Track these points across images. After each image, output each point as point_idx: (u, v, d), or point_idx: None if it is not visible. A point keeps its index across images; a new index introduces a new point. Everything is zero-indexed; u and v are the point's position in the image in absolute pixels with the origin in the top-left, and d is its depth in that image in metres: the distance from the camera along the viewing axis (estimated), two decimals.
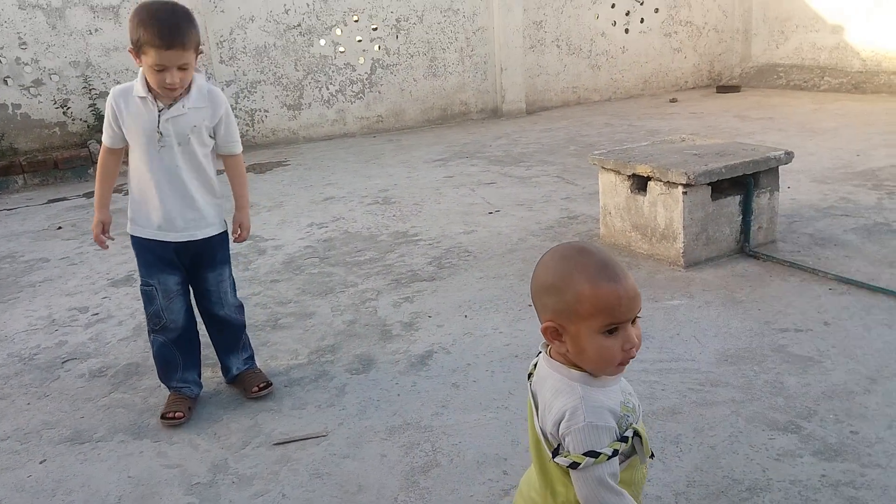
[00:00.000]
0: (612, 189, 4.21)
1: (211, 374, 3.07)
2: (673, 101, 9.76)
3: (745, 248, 3.88)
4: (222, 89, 8.07)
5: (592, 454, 1.17)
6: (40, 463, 2.53)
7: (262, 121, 8.59)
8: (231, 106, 7.39)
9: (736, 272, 3.69)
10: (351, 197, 5.93)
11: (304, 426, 2.63)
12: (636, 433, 1.23)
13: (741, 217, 3.86)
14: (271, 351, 3.27)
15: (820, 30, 9.73)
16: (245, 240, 2.92)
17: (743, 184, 3.83)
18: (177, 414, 2.69)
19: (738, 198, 3.83)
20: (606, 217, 4.31)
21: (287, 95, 8.62)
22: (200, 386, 2.88)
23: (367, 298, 3.79)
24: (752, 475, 2.14)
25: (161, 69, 2.42)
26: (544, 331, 1.23)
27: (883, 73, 9.01)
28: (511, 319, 3.38)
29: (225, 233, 2.83)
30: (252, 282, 4.17)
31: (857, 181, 5.16)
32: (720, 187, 3.81)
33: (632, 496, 1.23)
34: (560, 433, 1.21)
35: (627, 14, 10.17)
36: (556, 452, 1.22)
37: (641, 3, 10.18)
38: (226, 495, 2.27)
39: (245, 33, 8.23)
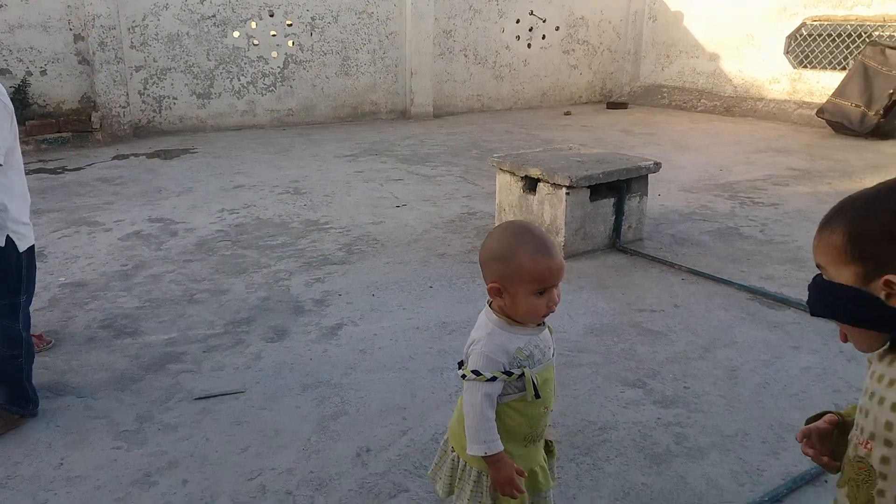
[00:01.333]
0: (507, 188, 4.69)
1: (131, 340, 3.28)
2: (567, 113, 10.50)
3: (616, 243, 4.46)
4: (131, 75, 8.07)
5: (476, 373, 1.58)
6: None
7: (170, 108, 8.60)
8: (139, 91, 7.47)
9: (607, 263, 4.25)
10: (262, 186, 6.15)
11: (223, 385, 2.92)
12: (526, 376, 1.59)
13: (614, 217, 4.43)
14: (188, 321, 3.51)
15: (700, 56, 10.75)
16: None
17: (617, 188, 4.40)
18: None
19: (612, 200, 4.40)
20: (501, 213, 4.78)
21: (197, 84, 8.67)
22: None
23: (280, 278, 4.08)
24: (604, 418, 2.63)
25: None
26: (490, 289, 1.59)
27: (750, 98, 10.08)
28: (414, 298, 3.77)
29: None
30: (165, 261, 4.36)
31: (718, 192, 5.91)
32: (598, 190, 4.36)
33: (527, 426, 1.64)
34: (465, 353, 1.62)
35: (531, 30, 10.83)
36: (460, 365, 1.63)
37: (544, 21, 10.87)
38: (153, 440, 2.54)
39: (158, 20, 8.23)
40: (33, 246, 2.64)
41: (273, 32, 9.01)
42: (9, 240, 2.48)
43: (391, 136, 8.72)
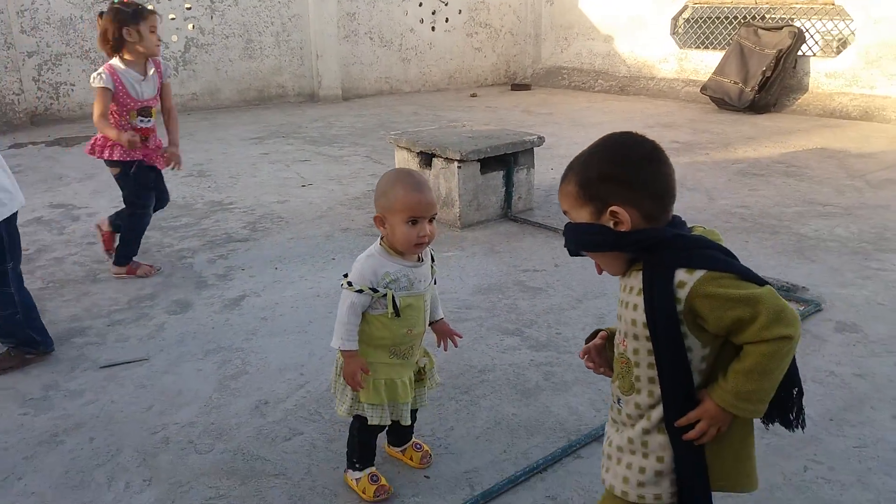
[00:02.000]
0: (405, 164, 4.93)
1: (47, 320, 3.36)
2: (473, 95, 10.82)
3: (507, 213, 4.79)
4: (23, 61, 7.84)
5: (350, 284, 1.93)
6: None
7: (69, 94, 8.39)
8: (33, 78, 7.35)
9: (499, 231, 4.57)
10: (165, 170, 6.15)
11: (127, 354, 3.05)
12: (393, 298, 1.92)
13: (504, 188, 4.75)
14: (92, 299, 3.60)
15: (595, 38, 11.28)
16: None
17: (506, 161, 4.72)
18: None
19: (501, 173, 4.72)
20: None
21: (95, 69, 8.45)
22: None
23: (184, 256, 4.19)
24: (484, 362, 2.94)
25: None
26: (375, 219, 1.93)
27: (642, 77, 10.68)
28: (316, 270, 3.97)
29: None
30: (69, 244, 4.39)
31: None
32: (488, 164, 4.66)
33: (390, 340, 1.97)
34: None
35: (433, 13, 11.07)
36: (345, 276, 1.96)
37: (446, 4, 11.13)
38: (59, 405, 2.66)
39: (49, 4, 8.00)
40: (15, 214, 2.85)
41: (172, 16, 8.89)
42: None
43: (299, 118, 8.81)
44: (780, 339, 1.26)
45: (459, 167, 4.48)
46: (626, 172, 1.37)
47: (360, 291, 1.91)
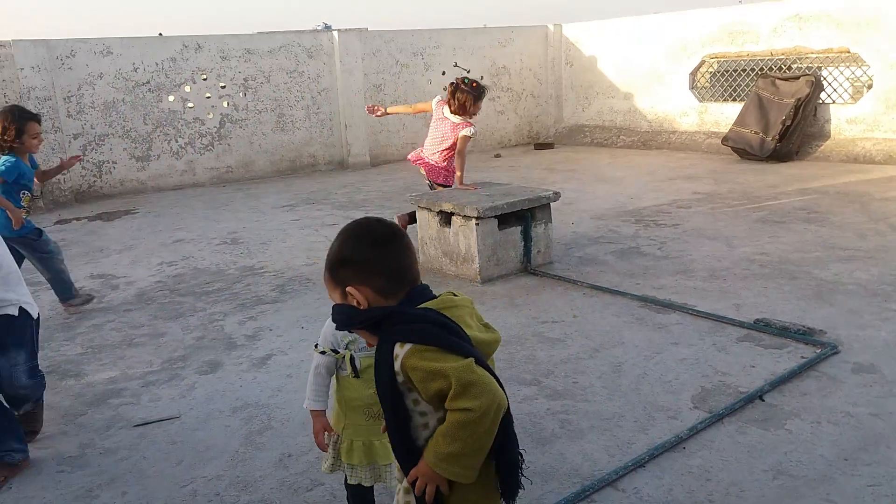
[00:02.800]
0: (426, 223, 5.11)
1: (74, 381, 3.54)
2: (497, 156, 11.08)
3: (527, 267, 4.90)
4: (69, 143, 8.34)
5: (316, 346, 2.03)
6: None
7: (110, 172, 8.85)
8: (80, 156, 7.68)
9: (519, 285, 4.67)
10: (200, 239, 6.45)
11: (159, 413, 3.20)
12: (352, 358, 1.98)
13: (523, 243, 4.88)
14: (127, 363, 3.78)
15: (615, 96, 11.53)
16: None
17: (524, 217, 4.85)
18: None
19: (519, 228, 4.85)
20: (423, 247, 5.19)
21: (136, 148, 8.97)
22: (24, 452, 2.77)
23: (215, 319, 4.37)
24: None
25: None
26: None
27: (664, 132, 10.84)
28: None
29: (8, 317, 2.74)
30: (107, 311, 4.61)
31: (626, 217, 6.44)
32: (506, 220, 4.80)
33: (360, 400, 1.99)
34: None
35: None
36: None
37: (468, 72, 11.53)
38: (94, 462, 2.80)
39: (93, 89, 8.55)
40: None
41: (207, 94, 9.40)
42: (22, 310, 2.80)
43: (329, 185, 9.12)
44: (462, 410, 1.35)
45: (477, 224, 4.62)
46: (355, 256, 1.50)
47: (324, 353, 2.00)
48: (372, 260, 1.50)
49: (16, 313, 2.78)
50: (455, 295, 1.54)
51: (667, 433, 2.77)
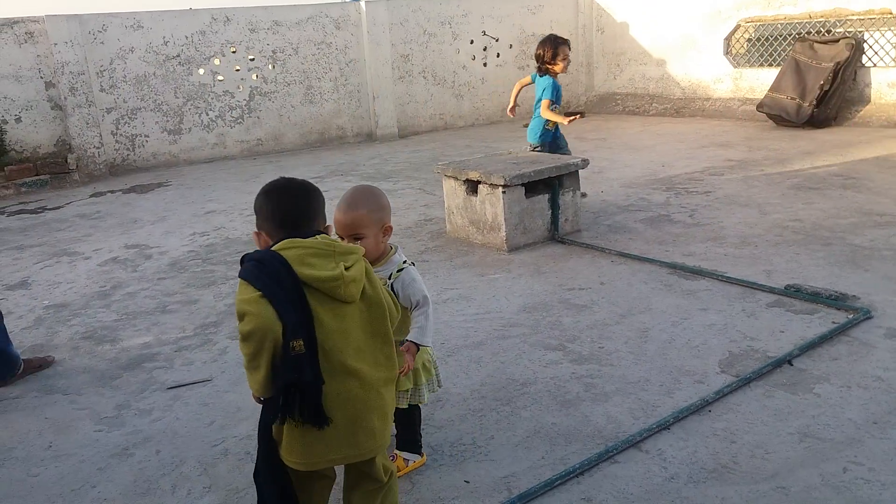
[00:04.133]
0: (453, 193, 5.10)
1: (110, 346, 3.64)
2: (526, 125, 10.95)
3: (554, 235, 4.87)
4: (103, 117, 8.47)
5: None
6: None
7: (143, 145, 8.98)
8: (112, 132, 7.88)
9: (546, 253, 4.65)
10: (231, 210, 6.53)
11: (192, 376, 3.28)
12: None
13: (550, 211, 4.84)
14: (161, 329, 3.87)
15: (648, 63, 11.30)
16: None
17: (551, 185, 4.82)
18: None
19: (547, 196, 4.81)
20: (450, 216, 5.19)
21: (167, 121, 9.07)
22: None
23: None
24: (526, 376, 3.01)
25: None
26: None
27: (698, 99, 10.61)
28: None
29: None
30: (141, 280, 4.72)
31: (656, 185, 6.35)
32: (533, 188, 4.77)
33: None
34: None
35: (485, 49, 11.35)
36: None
37: (497, 40, 11.40)
38: (130, 423, 2.89)
39: (125, 63, 8.65)
40: None
41: (237, 67, 9.45)
42: None
43: (357, 157, 9.15)
44: (239, 332, 1.67)
45: (504, 192, 4.60)
46: (256, 203, 1.88)
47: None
48: (264, 207, 1.85)
49: None
50: (317, 239, 1.76)
51: (693, 397, 2.75)
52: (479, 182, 4.79)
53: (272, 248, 1.72)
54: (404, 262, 2.24)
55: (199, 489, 2.42)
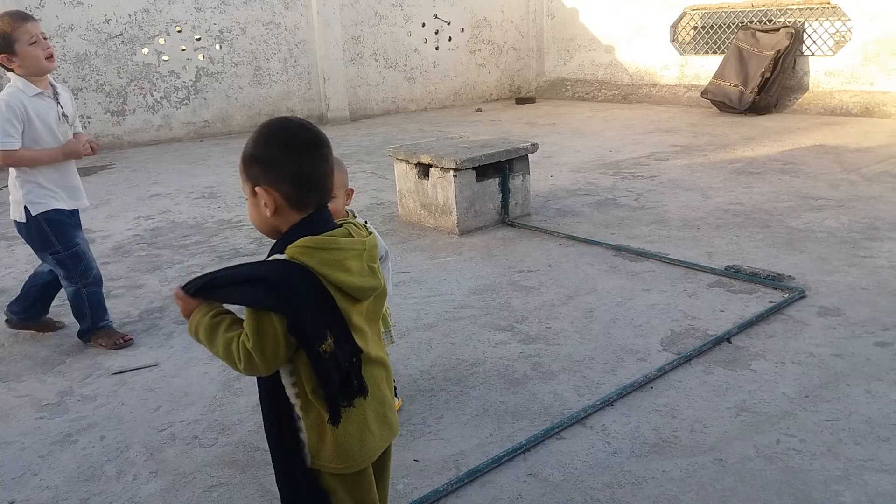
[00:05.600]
0: (404, 176, 5.10)
1: (51, 332, 3.54)
2: (478, 110, 11.01)
3: (505, 219, 4.93)
4: None
5: None
6: None
7: (85, 127, 8.68)
8: None
9: (496, 236, 4.70)
10: (177, 193, 6.40)
11: (137, 361, 3.22)
12: None
13: (501, 195, 4.89)
14: None
15: (597, 49, 11.44)
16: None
17: (501, 169, 4.86)
18: (126, 337, 3.39)
19: (497, 180, 4.86)
20: (402, 199, 5.19)
21: (110, 102, 8.80)
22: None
23: (193, 271, 4.37)
24: (475, 356, 3.06)
25: None
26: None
27: (645, 85, 10.81)
28: None
29: None
30: None
31: (604, 170, 6.46)
32: (484, 172, 4.80)
33: None
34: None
35: (437, 33, 11.32)
36: None
37: (448, 24, 11.37)
38: (73, 409, 2.83)
39: (65, 41, 8.34)
40: (56, 209, 3.22)
41: (182, 47, 9.21)
42: (26, 210, 3.12)
43: None
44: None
45: (455, 176, 4.63)
46: (265, 153, 1.40)
47: None
48: (281, 162, 1.39)
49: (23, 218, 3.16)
50: (351, 234, 1.46)
51: (636, 374, 2.84)
52: (430, 166, 4.80)
53: (295, 247, 1.37)
54: (365, 223, 2.23)
55: (145, 474, 2.39)
